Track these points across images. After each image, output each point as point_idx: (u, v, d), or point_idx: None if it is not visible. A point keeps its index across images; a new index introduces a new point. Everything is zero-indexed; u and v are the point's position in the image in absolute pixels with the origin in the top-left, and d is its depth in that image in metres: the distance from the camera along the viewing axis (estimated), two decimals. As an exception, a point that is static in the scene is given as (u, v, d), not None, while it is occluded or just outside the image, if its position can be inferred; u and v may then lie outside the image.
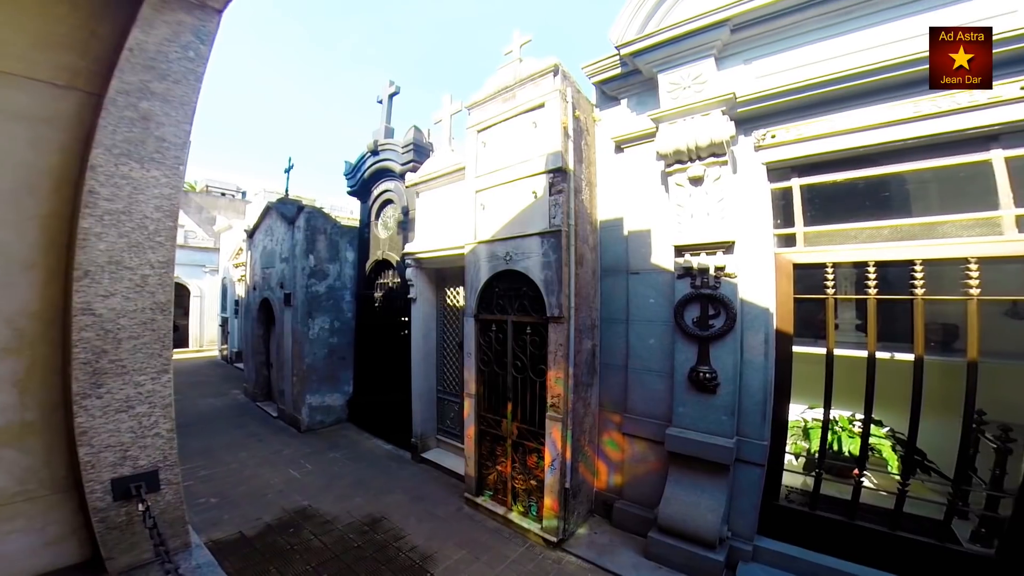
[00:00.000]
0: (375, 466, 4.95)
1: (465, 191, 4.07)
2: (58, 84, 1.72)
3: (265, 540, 3.45)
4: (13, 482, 1.60)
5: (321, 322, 5.89)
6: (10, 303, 1.58)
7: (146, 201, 1.86)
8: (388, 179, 5.76)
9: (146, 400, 1.82)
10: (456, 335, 4.91)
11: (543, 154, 3.37)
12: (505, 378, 3.68)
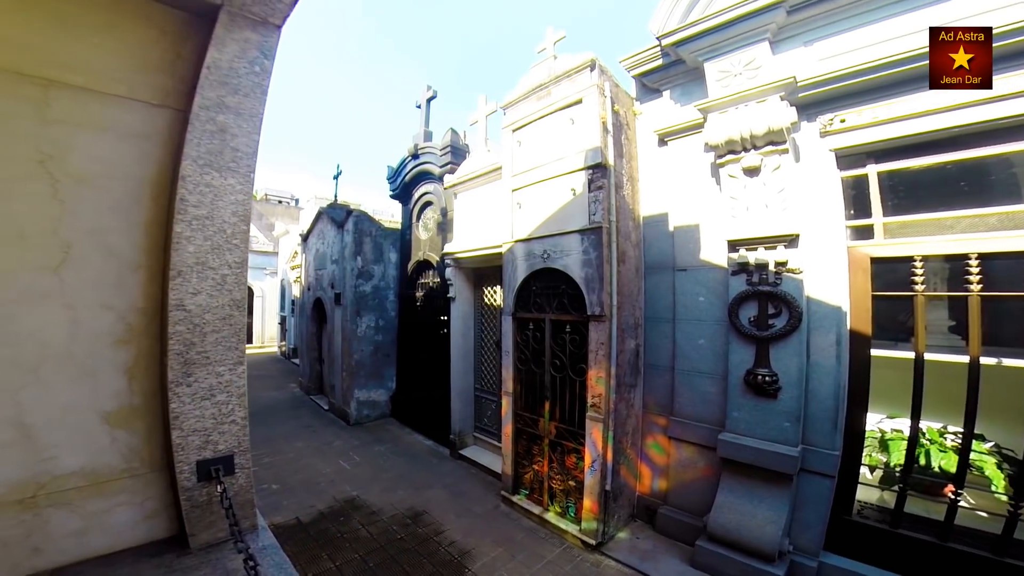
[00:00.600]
0: (416, 461, 5.11)
1: (501, 190, 4.10)
2: (153, 103, 1.93)
3: (318, 527, 3.66)
4: (121, 460, 1.80)
5: (368, 320, 6.18)
6: (122, 300, 1.79)
7: (224, 207, 2.03)
8: (428, 182, 5.93)
9: (225, 389, 1.98)
10: (493, 334, 4.96)
11: (581, 150, 3.33)
12: (543, 377, 3.67)
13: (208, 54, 1.94)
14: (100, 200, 1.75)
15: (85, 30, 1.74)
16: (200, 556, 1.83)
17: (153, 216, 1.88)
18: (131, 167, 1.84)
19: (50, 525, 1.62)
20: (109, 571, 1.66)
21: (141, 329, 1.83)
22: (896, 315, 2.94)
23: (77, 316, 1.68)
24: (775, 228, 2.78)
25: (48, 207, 1.63)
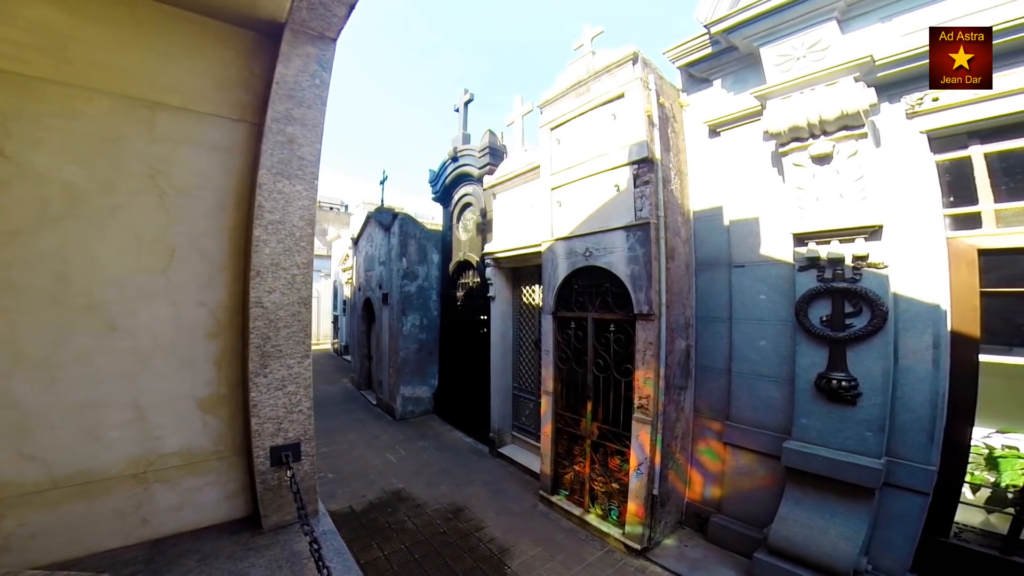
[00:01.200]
0: (457, 457, 5.22)
1: (540, 189, 4.10)
2: (233, 118, 2.13)
3: (368, 516, 3.84)
4: (211, 443, 1.99)
5: (412, 319, 6.42)
6: (212, 297, 1.99)
7: (294, 212, 2.19)
8: (467, 183, 6.06)
9: (294, 380, 2.13)
10: (532, 333, 4.97)
11: (625, 145, 3.25)
12: (585, 376, 3.61)
13: (276, 70, 2.11)
14: (196, 208, 1.96)
15: (178, 55, 1.96)
16: (270, 536, 1.99)
17: (235, 222, 2.08)
18: (218, 178, 2.05)
19: (155, 499, 1.83)
20: (197, 545, 1.84)
21: (227, 324, 2.03)
22: (1012, 315, 2.56)
23: (179, 312, 1.89)
24: (852, 219, 2.55)
25: (157, 216, 1.85)
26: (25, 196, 1.57)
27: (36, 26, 1.63)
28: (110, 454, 1.71)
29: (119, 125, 1.78)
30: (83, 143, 1.70)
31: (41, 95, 1.63)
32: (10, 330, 1.52)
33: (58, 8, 1.68)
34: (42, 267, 1.58)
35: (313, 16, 2.13)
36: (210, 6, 1.97)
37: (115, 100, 1.79)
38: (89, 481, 1.67)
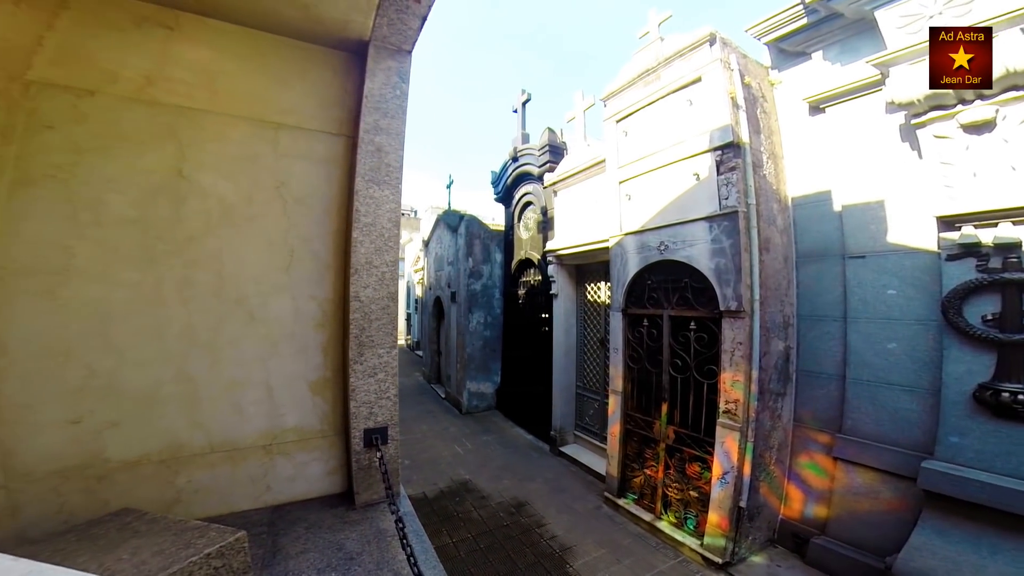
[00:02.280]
0: (519, 453, 5.27)
1: (606, 184, 3.99)
2: (332, 133, 2.38)
3: (439, 503, 4.04)
4: (317, 422, 2.24)
5: (477, 316, 6.66)
6: (321, 292, 2.24)
7: (383, 215, 2.38)
8: (527, 182, 6.10)
9: (384, 368, 2.31)
10: (597, 331, 4.85)
11: (704, 131, 3.03)
12: (659, 377, 3.43)
13: (365, 85, 2.32)
14: (308, 215, 2.23)
15: (291, 80, 2.25)
16: (361, 513, 2.17)
17: (337, 226, 2.33)
18: (324, 187, 2.31)
19: (277, 469, 2.11)
20: (305, 514, 2.08)
21: (331, 316, 2.28)
22: None
23: (297, 305, 2.16)
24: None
25: (282, 222, 2.14)
26: (197, 208, 1.92)
27: (196, 65, 1.99)
28: (248, 426, 2.02)
29: (254, 145, 2.10)
30: (230, 162, 2.03)
31: (202, 124, 1.98)
32: (188, 318, 1.87)
33: (209, 48, 2.04)
34: (208, 266, 1.92)
35: (392, 31, 2.32)
36: (311, 31, 2.23)
37: (250, 124, 2.11)
38: (234, 448, 1.99)
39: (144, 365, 1.78)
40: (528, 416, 5.92)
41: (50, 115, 1.68)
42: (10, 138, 1.61)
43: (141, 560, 1.29)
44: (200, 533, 1.48)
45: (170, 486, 1.84)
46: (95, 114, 1.76)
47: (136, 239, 1.79)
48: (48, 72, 1.69)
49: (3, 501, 1.60)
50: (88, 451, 1.70)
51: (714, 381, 3.01)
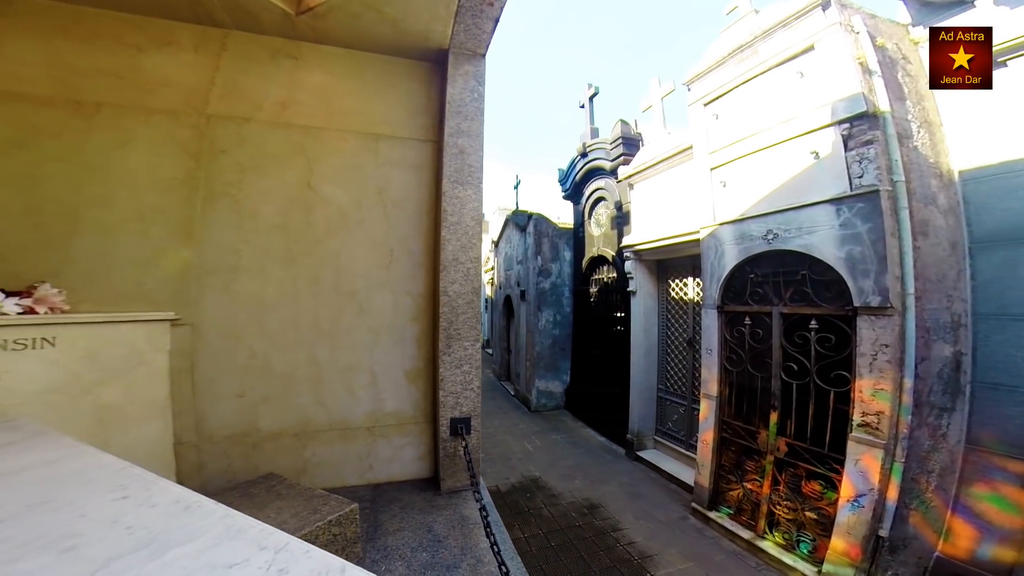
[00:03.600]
0: (591, 455, 5.12)
1: (694, 172, 3.69)
2: (421, 139, 2.55)
3: (511, 498, 4.07)
4: (411, 409, 2.41)
5: (547, 315, 6.64)
6: (415, 288, 2.42)
7: (466, 214, 2.47)
8: (598, 178, 5.92)
9: (468, 361, 2.40)
10: (683, 330, 4.50)
11: (825, 103, 2.64)
12: (766, 382, 3.05)
13: (447, 91, 2.45)
14: (404, 217, 2.42)
15: (385, 93, 2.46)
16: (446, 498, 2.28)
17: (427, 226, 2.48)
18: (415, 190, 2.48)
19: (378, 450, 2.31)
20: (399, 494, 2.24)
21: (423, 309, 2.43)
22: None
23: (396, 299, 2.35)
24: None
25: (383, 225, 2.35)
26: (322, 215, 2.21)
27: (315, 89, 2.28)
28: (358, 408, 2.25)
29: (360, 156, 2.34)
30: (343, 172, 2.29)
31: (322, 140, 2.26)
32: (316, 309, 2.16)
33: (324, 72, 2.32)
34: (329, 265, 2.20)
35: (468, 37, 2.44)
36: (399, 45, 2.41)
37: (357, 136, 2.35)
38: (347, 428, 2.23)
39: (286, 349, 2.09)
40: (601, 418, 5.74)
41: (223, 141, 2.06)
42: (200, 162, 2.01)
43: (283, 520, 1.49)
44: (323, 501, 1.66)
45: (299, 457, 2.12)
46: (251, 138, 2.11)
47: (281, 242, 2.11)
48: (219, 106, 2.08)
49: (195, 458, 1.98)
50: (247, 421, 2.04)
51: (844, 389, 2.58)
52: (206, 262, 1.98)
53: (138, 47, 1.98)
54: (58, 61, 1.86)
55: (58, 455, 0.86)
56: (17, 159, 1.76)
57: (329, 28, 2.20)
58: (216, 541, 0.62)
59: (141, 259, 1.89)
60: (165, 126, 1.98)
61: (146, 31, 2.00)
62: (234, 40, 2.14)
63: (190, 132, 2.01)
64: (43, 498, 0.70)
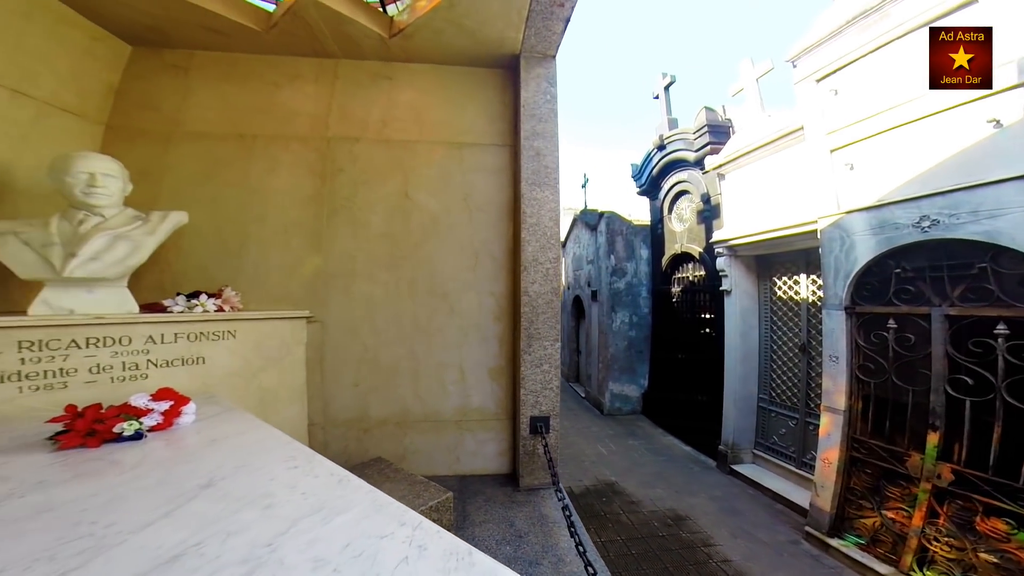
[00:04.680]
0: (674, 464, 4.79)
1: (806, 155, 3.23)
2: (499, 145, 2.61)
3: (585, 500, 3.96)
4: (493, 406, 2.48)
5: (621, 316, 6.39)
6: (497, 288, 2.49)
7: (545, 215, 2.47)
8: (680, 170, 5.52)
9: (548, 360, 2.40)
10: (792, 334, 3.98)
11: (1008, 61, 2.13)
12: (921, 397, 2.53)
13: (520, 95, 2.49)
14: (486, 221, 2.51)
15: (466, 103, 2.58)
16: (525, 495, 2.30)
17: (508, 228, 2.54)
18: (496, 194, 2.55)
19: (464, 443, 2.42)
20: (482, 487, 2.32)
21: (504, 310, 2.49)
22: None
23: (481, 300, 2.45)
24: None
25: (468, 229, 2.47)
26: (418, 222, 2.40)
27: (407, 105, 2.48)
28: (448, 403, 2.40)
29: (447, 165, 2.49)
30: (434, 181, 2.46)
31: (416, 152, 2.45)
32: (414, 309, 2.37)
33: (413, 89, 2.51)
34: (425, 268, 2.39)
35: (539, 40, 2.45)
36: (475, 55, 2.51)
37: (445, 147, 2.51)
38: (439, 420, 2.38)
39: (391, 344, 2.32)
40: (685, 425, 5.36)
41: (340, 160, 2.36)
42: (325, 180, 2.33)
43: (394, 501, 1.65)
44: (424, 487, 1.80)
45: (400, 444, 2.33)
46: (361, 155, 2.39)
47: (386, 248, 2.35)
48: (336, 129, 2.38)
49: (322, 438, 2.29)
50: (360, 408, 2.30)
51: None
52: (331, 267, 2.29)
53: (275, 83, 2.37)
54: (225, 102, 2.30)
55: (245, 427, 1.07)
56: (207, 187, 2.22)
57: (416, 47, 2.38)
58: (366, 513, 0.71)
59: (286, 266, 2.25)
60: (299, 151, 2.33)
61: (279, 68, 2.37)
62: (343, 68, 2.44)
63: (316, 155, 2.34)
64: (243, 461, 0.87)
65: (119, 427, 0.92)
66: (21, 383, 1.30)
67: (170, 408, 1.04)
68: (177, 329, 1.63)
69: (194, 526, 0.62)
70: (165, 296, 1.76)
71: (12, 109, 1.77)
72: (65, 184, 1.47)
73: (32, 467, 0.82)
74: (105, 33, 2.09)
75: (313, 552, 0.58)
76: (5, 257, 1.41)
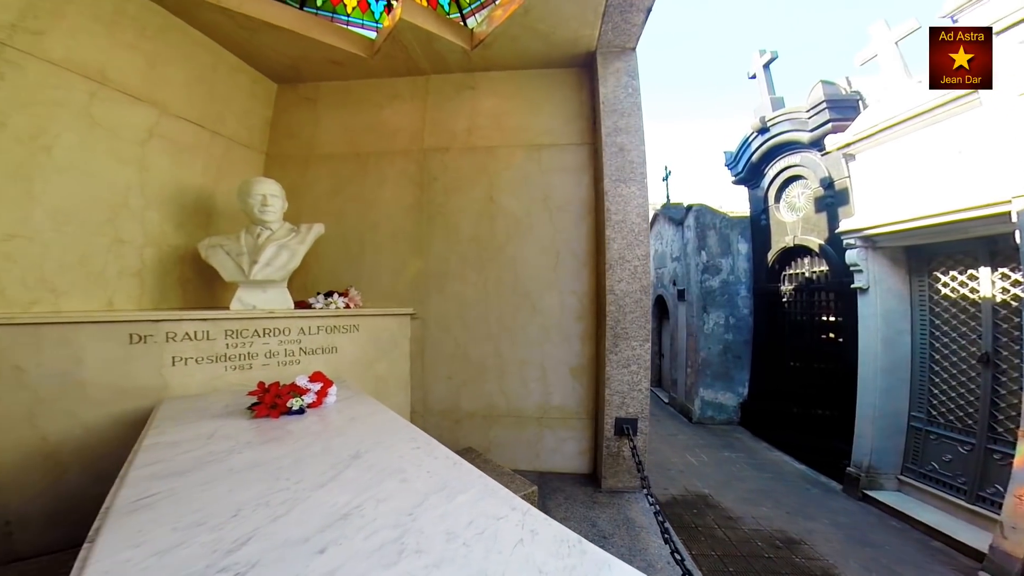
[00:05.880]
0: (783, 482, 4.22)
1: (991, 121, 2.57)
2: (578, 143, 2.57)
3: (672, 510, 3.70)
4: (574, 404, 2.47)
5: (715, 317, 5.83)
6: (579, 287, 2.47)
7: (631, 211, 2.37)
8: (789, 153, 4.87)
9: (636, 361, 2.31)
10: (966, 341, 3.21)
11: None
12: None
13: (599, 92, 2.41)
14: (567, 220, 2.51)
15: (541, 105, 2.60)
16: (607, 497, 2.23)
17: (589, 227, 2.49)
18: (577, 193, 2.53)
19: (544, 440, 2.46)
20: (561, 485, 2.31)
21: (587, 309, 2.46)
22: None
23: (562, 299, 2.47)
24: None
25: (548, 229, 2.50)
26: (501, 224, 2.52)
27: (489, 112, 2.60)
28: (530, 399, 2.46)
29: (526, 167, 2.55)
30: (514, 184, 2.54)
31: (498, 157, 2.57)
32: (500, 308, 2.49)
33: (493, 96, 2.63)
34: (509, 268, 2.49)
35: (617, 34, 2.35)
36: (550, 56, 2.51)
37: (523, 149, 2.57)
38: (520, 416, 2.47)
39: (479, 341, 2.48)
40: (799, 442, 4.74)
41: (433, 170, 2.59)
42: (422, 189, 2.58)
43: (483, 492, 1.78)
44: (510, 479, 1.89)
45: (485, 437, 2.47)
46: (451, 164, 2.58)
47: (474, 251, 2.51)
48: (429, 141, 2.62)
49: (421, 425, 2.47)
50: (453, 400, 2.49)
51: None
52: (429, 269, 2.52)
53: (379, 104, 2.68)
54: (344, 126, 2.68)
55: (373, 409, 1.27)
56: (334, 201, 2.61)
57: (494, 55, 2.48)
58: (481, 495, 0.79)
59: (394, 268, 2.55)
60: (401, 164, 2.61)
61: (382, 90, 2.68)
62: (433, 83, 2.66)
63: (415, 166, 2.60)
64: (378, 439, 1.04)
65: (290, 402, 1.18)
66: (226, 363, 1.72)
67: (321, 389, 1.29)
68: (320, 323, 1.99)
69: (352, 490, 0.77)
70: (307, 295, 2.14)
71: (212, 147, 2.30)
72: (247, 204, 1.90)
73: (241, 430, 1.10)
74: (261, 76, 2.61)
75: (444, 525, 0.67)
76: (216, 264, 1.87)
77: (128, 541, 0.60)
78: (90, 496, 1.47)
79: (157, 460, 0.89)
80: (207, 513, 0.68)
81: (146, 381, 1.57)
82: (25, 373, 1.40)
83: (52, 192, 1.59)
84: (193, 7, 1.98)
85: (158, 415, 1.24)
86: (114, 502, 0.72)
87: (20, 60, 1.49)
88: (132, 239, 1.88)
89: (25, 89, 1.51)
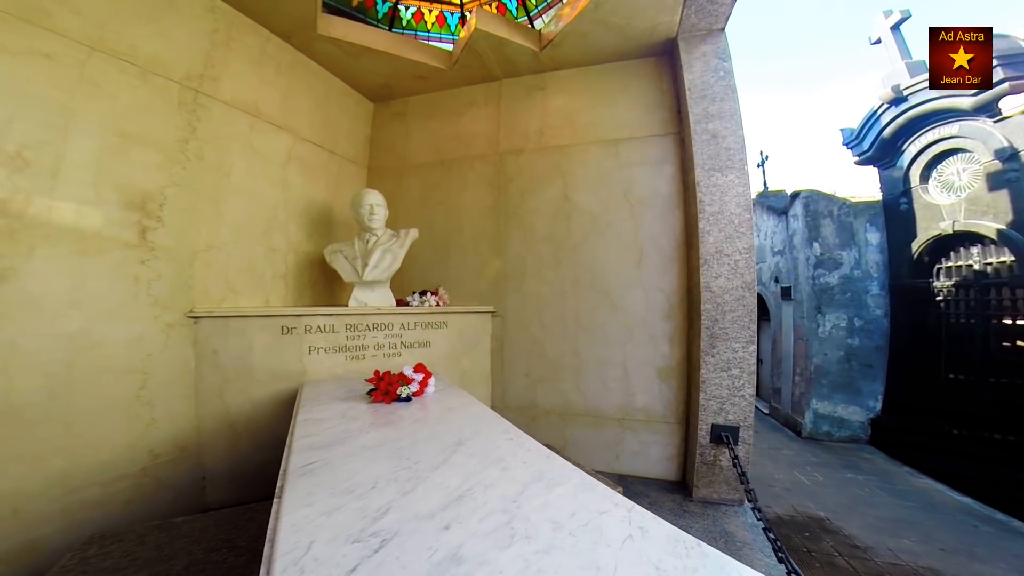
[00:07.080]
0: (935, 514, 3.47)
1: None
2: (660, 134, 2.40)
3: (778, 530, 3.28)
4: (661, 408, 2.31)
5: (834, 319, 5.00)
6: (667, 284, 2.32)
7: (729, 201, 2.14)
8: (941, 123, 4.10)
9: (738, 364, 2.09)
10: None
11: None
12: None
13: (683, 78, 2.23)
14: (651, 214, 2.36)
15: (617, 99, 2.49)
16: (700, 507, 2.05)
17: (677, 220, 2.31)
18: (661, 185, 2.36)
19: (625, 442, 2.34)
20: (645, 490, 2.18)
21: (676, 307, 2.29)
22: None
23: (647, 297, 2.33)
24: None
25: (630, 224, 2.38)
26: (577, 222, 2.49)
27: (560, 111, 2.58)
28: (610, 399, 2.38)
29: (603, 163, 2.47)
30: (590, 180, 2.48)
31: (571, 155, 2.53)
32: (577, 306, 2.45)
33: (563, 94, 2.58)
34: (586, 266, 2.45)
35: (701, 17, 2.15)
36: (623, 49, 2.40)
37: (599, 146, 2.49)
38: (599, 416, 2.40)
39: (556, 340, 2.48)
40: (964, 470, 3.93)
41: (509, 172, 2.66)
42: (500, 192, 2.67)
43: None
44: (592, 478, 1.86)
45: (561, 435, 2.45)
46: (525, 165, 2.62)
47: (550, 250, 2.52)
48: (504, 143, 2.69)
49: None
50: (529, 397, 2.53)
51: None
52: (507, 268, 2.60)
53: (458, 112, 2.83)
54: (431, 136, 2.89)
55: (467, 401, 1.37)
56: (424, 207, 2.83)
57: (563, 54, 2.44)
58: (579, 489, 0.78)
59: (476, 268, 2.68)
60: (480, 168, 2.73)
61: (460, 98, 2.82)
62: (505, 87, 2.72)
63: (492, 169, 2.69)
64: (476, 428, 1.12)
65: (400, 390, 1.34)
66: (346, 353, 2.01)
67: (423, 379, 1.43)
68: (417, 319, 2.21)
69: (462, 474, 0.83)
70: (404, 294, 2.38)
71: (330, 164, 2.67)
72: (358, 214, 2.19)
73: (362, 412, 1.27)
74: (362, 97, 2.93)
75: (547, 514, 0.68)
76: (337, 267, 2.19)
77: (302, 500, 0.73)
78: (254, 462, 1.84)
79: (310, 433, 1.07)
80: (354, 483, 0.79)
81: (292, 366, 1.90)
82: (218, 356, 1.79)
83: (231, 211, 2.00)
84: (312, 41, 2.32)
85: (303, 395, 1.50)
86: (288, 466, 0.88)
87: (208, 104, 1.89)
88: (279, 247, 2.28)
89: (212, 126, 1.91)
